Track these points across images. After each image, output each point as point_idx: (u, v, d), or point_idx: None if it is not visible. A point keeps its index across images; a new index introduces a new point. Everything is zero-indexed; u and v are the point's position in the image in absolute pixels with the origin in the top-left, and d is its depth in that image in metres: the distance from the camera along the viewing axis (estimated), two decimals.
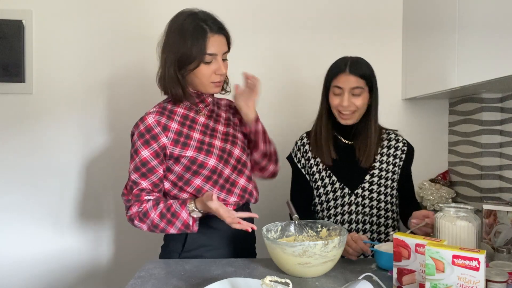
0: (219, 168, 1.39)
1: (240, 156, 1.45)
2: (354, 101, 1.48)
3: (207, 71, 1.34)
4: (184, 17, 1.34)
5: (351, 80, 1.48)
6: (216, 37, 1.33)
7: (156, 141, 1.34)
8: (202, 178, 1.37)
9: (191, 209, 1.31)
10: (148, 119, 1.35)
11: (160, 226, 1.33)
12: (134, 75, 2.34)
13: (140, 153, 1.34)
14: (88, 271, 2.33)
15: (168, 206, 1.33)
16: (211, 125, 1.44)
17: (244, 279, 1.11)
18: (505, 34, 1.44)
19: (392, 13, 2.39)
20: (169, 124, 1.36)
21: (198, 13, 1.35)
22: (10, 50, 2.23)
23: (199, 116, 1.43)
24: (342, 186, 1.54)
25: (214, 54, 1.33)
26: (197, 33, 1.30)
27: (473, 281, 0.90)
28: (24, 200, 2.29)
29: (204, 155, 1.37)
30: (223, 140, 1.44)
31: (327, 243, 1.17)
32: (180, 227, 1.32)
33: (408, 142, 1.61)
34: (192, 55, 1.30)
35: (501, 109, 2.11)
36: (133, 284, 1.17)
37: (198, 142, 1.38)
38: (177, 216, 1.31)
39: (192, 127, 1.40)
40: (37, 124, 2.30)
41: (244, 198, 1.45)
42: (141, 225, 1.36)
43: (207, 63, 1.33)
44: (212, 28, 1.32)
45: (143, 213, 1.34)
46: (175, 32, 1.33)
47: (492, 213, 1.35)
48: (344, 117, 1.52)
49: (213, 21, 1.34)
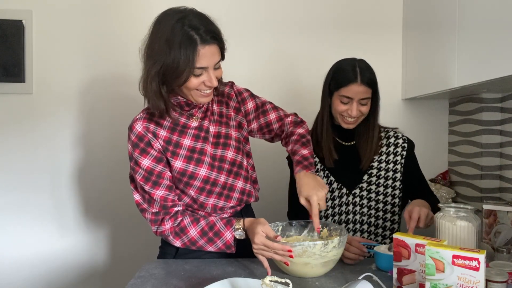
0: (212, 177, 1.32)
1: (235, 158, 1.37)
2: (361, 109, 1.47)
3: (195, 82, 1.20)
4: (173, 22, 1.17)
5: (362, 91, 1.45)
6: (207, 49, 1.17)
7: (151, 147, 1.27)
8: (195, 189, 1.32)
9: (236, 228, 1.26)
10: (137, 126, 1.27)
11: (198, 243, 1.29)
12: (134, 75, 2.33)
13: (141, 164, 1.27)
14: (88, 271, 2.33)
15: (210, 224, 1.28)
16: (205, 126, 1.35)
17: (244, 279, 1.11)
18: (505, 34, 1.44)
19: (392, 13, 2.39)
20: (158, 132, 1.28)
21: (188, 16, 1.18)
22: (10, 50, 2.23)
23: (191, 121, 1.34)
24: (340, 186, 1.54)
25: (204, 67, 1.19)
26: (185, 44, 1.14)
27: (473, 281, 0.90)
28: (23, 200, 2.29)
29: (194, 165, 1.30)
30: (213, 145, 1.35)
31: (327, 243, 1.17)
32: (221, 246, 1.28)
33: (408, 138, 1.60)
34: (179, 68, 1.15)
35: (501, 109, 2.11)
36: (133, 284, 1.17)
37: (188, 151, 1.31)
38: (220, 236, 1.27)
39: (183, 132, 1.31)
40: (37, 124, 2.30)
41: (242, 200, 1.40)
42: (175, 240, 1.30)
43: (196, 76, 1.19)
44: (203, 38, 1.16)
45: (180, 228, 1.29)
46: (161, 40, 1.16)
47: (492, 213, 1.35)
48: (348, 122, 1.51)
49: (205, 29, 1.17)
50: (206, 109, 1.38)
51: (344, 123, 1.51)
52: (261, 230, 1.19)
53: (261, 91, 2.32)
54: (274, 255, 1.17)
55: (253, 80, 2.22)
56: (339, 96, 1.48)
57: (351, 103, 1.46)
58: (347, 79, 1.45)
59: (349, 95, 1.45)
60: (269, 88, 2.36)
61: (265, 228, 1.19)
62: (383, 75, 1.77)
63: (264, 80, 2.36)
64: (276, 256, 1.17)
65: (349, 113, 1.47)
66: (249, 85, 1.52)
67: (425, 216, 1.30)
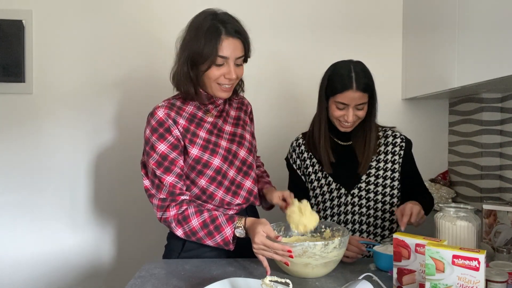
0: (224, 169, 1.37)
1: (246, 158, 1.43)
2: (357, 114, 1.47)
3: (216, 73, 1.30)
4: (204, 15, 1.31)
5: (358, 97, 1.43)
6: (231, 40, 1.28)
7: (170, 133, 1.32)
8: (206, 179, 1.35)
9: (237, 226, 1.27)
10: (159, 112, 1.33)
11: (198, 235, 1.30)
12: (134, 74, 2.34)
13: (157, 148, 1.31)
14: (89, 271, 2.33)
15: (213, 217, 1.30)
16: (219, 125, 1.42)
17: (244, 279, 1.11)
18: (505, 34, 1.44)
19: (392, 13, 2.39)
20: (178, 119, 1.34)
21: (219, 14, 1.32)
22: (10, 50, 2.23)
23: (207, 116, 1.41)
24: (338, 186, 1.54)
25: (225, 57, 1.29)
26: (210, 33, 1.27)
27: (473, 281, 0.90)
28: (24, 200, 2.29)
29: (209, 154, 1.35)
30: (229, 141, 1.42)
31: (327, 244, 1.16)
32: (219, 241, 1.29)
33: (405, 136, 1.59)
34: (204, 54, 1.27)
35: (501, 109, 2.11)
36: (133, 284, 1.17)
37: (204, 141, 1.37)
38: (220, 231, 1.28)
39: (199, 125, 1.38)
40: (37, 124, 2.30)
41: (249, 201, 1.43)
42: (177, 228, 1.31)
43: (218, 65, 1.29)
44: (228, 31, 1.28)
45: (183, 217, 1.30)
46: (192, 30, 1.31)
47: (492, 213, 1.35)
48: (345, 126, 1.50)
49: (231, 24, 1.30)
50: (222, 109, 1.45)
51: (341, 127, 1.51)
52: (262, 230, 1.19)
53: (258, 92, 2.34)
54: (274, 255, 1.18)
55: (250, 80, 2.21)
56: (335, 102, 1.47)
57: (347, 108, 1.45)
58: (343, 85, 1.44)
59: (344, 102, 1.44)
60: (268, 88, 2.37)
61: (266, 228, 1.20)
62: (383, 75, 1.77)
63: (263, 80, 2.36)
64: (276, 256, 1.18)
65: (346, 119, 1.47)
66: (246, 85, 1.52)
67: (417, 212, 1.30)
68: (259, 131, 2.29)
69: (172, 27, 1.51)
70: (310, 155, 1.59)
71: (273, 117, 2.37)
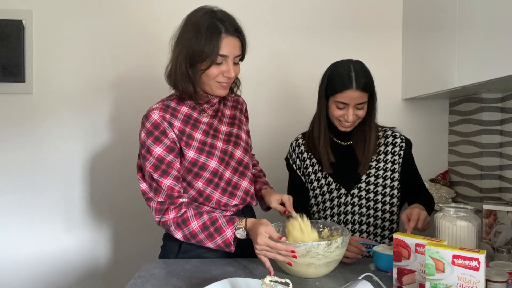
0: (220, 171, 1.36)
1: (242, 158, 1.42)
2: (357, 113, 1.47)
3: (215, 71, 1.29)
4: (202, 13, 1.30)
5: (358, 96, 1.43)
6: (231, 39, 1.28)
7: (166, 136, 1.31)
8: (203, 181, 1.34)
9: (237, 227, 1.27)
10: (153, 115, 1.31)
11: (198, 237, 1.29)
12: (134, 74, 2.34)
13: (153, 151, 1.30)
14: (88, 271, 2.33)
15: (213, 219, 1.29)
16: (214, 125, 1.41)
17: (244, 279, 1.11)
18: (505, 34, 1.44)
19: (392, 13, 2.39)
20: (173, 122, 1.33)
21: (217, 12, 1.31)
22: (10, 50, 2.23)
23: (202, 116, 1.39)
24: (338, 186, 1.54)
25: (225, 56, 1.28)
26: (211, 31, 1.26)
27: (473, 281, 0.90)
28: (23, 200, 2.29)
29: (205, 156, 1.34)
30: (225, 142, 1.41)
31: (330, 243, 1.16)
32: (220, 243, 1.28)
33: (405, 137, 1.59)
34: (204, 53, 1.26)
35: (501, 109, 2.11)
36: (133, 284, 1.17)
37: (200, 143, 1.35)
38: (221, 233, 1.27)
39: (195, 126, 1.37)
40: (37, 124, 2.30)
41: (245, 201, 1.43)
42: (176, 232, 1.30)
43: (217, 64, 1.28)
44: (228, 29, 1.28)
45: (182, 219, 1.29)
46: (190, 28, 1.29)
47: (492, 213, 1.35)
48: (345, 126, 1.50)
49: (230, 22, 1.29)
50: (217, 109, 1.44)
51: (341, 127, 1.51)
52: (264, 230, 1.19)
53: (258, 92, 2.34)
54: (277, 255, 1.17)
55: (249, 80, 2.22)
56: (334, 102, 1.47)
57: (347, 108, 1.45)
58: (342, 85, 1.43)
59: (344, 101, 1.44)
60: (267, 88, 2.37)
61: (268, 229, 1.19)
62: (383, 75, 1.77)
63: (263, 80, 2.36)
64: (279, 256, 1.17)
65: (346, 118, 1.46)
66: (245, 85, 1.52)
67: (424, 218, 1.30)
68: (259, 131, 2.30)
69: (172, 28, 1.51)
70: (310, 155, 1.59)
71: (273, 117, 2.37)
